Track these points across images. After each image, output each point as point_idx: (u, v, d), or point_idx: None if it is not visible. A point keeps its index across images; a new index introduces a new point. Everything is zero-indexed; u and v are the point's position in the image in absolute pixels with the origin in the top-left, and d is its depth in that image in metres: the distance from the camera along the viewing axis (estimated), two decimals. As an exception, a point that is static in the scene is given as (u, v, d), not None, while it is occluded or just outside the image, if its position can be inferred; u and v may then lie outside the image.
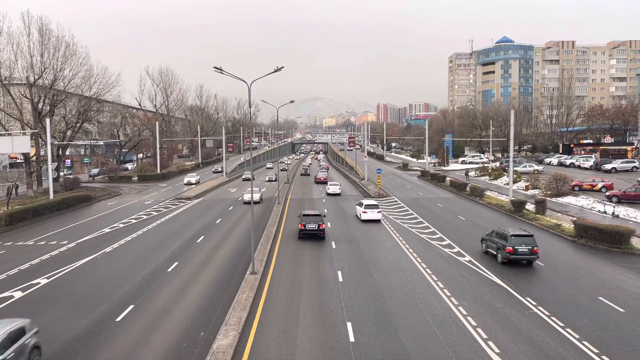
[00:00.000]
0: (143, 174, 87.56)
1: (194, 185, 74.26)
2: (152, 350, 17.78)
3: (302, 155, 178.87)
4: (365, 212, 44.07)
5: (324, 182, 77.59)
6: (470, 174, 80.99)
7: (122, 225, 43.25)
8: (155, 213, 50.01)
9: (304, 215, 36.91)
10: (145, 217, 47.75)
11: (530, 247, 28.50)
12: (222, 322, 19.86)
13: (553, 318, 20.33)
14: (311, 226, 36.20)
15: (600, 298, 22.77)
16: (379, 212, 44.45)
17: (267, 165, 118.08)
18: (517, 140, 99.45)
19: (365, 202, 46.63)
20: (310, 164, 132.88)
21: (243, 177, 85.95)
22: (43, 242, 36.61)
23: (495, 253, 29.92)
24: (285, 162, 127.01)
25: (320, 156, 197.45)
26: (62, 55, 66.08)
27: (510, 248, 28.45)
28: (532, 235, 29.24)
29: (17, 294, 24.27)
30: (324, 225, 36.60)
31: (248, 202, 55.82)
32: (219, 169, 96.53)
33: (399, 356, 16.99)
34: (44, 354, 17.28)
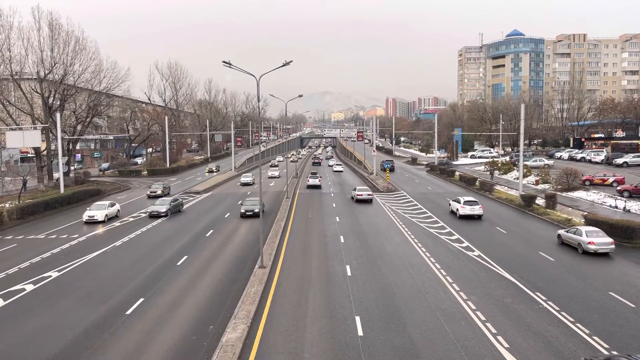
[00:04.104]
0: (152, 168, 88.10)
1: (100, 225, 41.04)
2: (162, 343, 17.92)
3: (306, 152, 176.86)
4: (335, 167, 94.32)
5: (320, 160, 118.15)
6: (479, 168, 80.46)
7: (132, 220, 43.53)
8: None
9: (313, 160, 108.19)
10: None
11: (391, 164, 77.03)
12: (231, 316, 19.96)
13: (563, 313, 20.22)
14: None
15: (611, 293, 22.58)
16: (339, 164, 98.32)
17: (242, 180, 69.34)
18: (527, 135, 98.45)
19: (336, 162, 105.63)
20: (321, 153, 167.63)
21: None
22: (54, 236, 36.96)
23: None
24: (272, 171, 79.42)
25: (329, 149, 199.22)
26: (72, 50, 66.48)
27: (383, 167, 76.05)
28: (392, 160, 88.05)
29: (29, 287, 24.55)
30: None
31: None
32: (156, 191, 57.65)
33: (407, 351, 16.99)
34: (55, 346, 17.65)
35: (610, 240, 29.68)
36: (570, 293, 22.77)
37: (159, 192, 57.41)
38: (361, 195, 51.17)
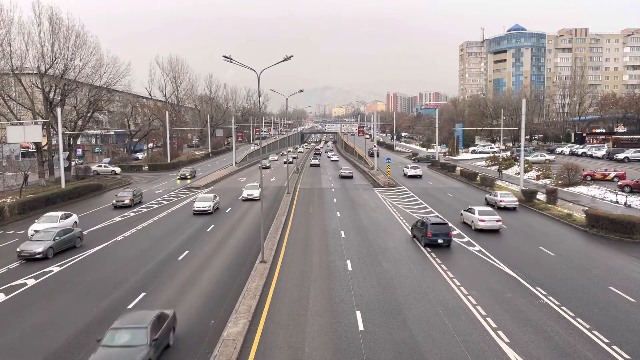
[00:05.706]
0: (153, 163, 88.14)
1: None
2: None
3: (304, 150, 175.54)
4: (332, 157, 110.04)
5: (321, 152, 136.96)
6: (480, 164, 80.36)
7: (132, 214, 43.57)
8: (165, 202, 50.31)
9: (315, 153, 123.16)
10: (155, 206, 48.06)
11: (376, 150, 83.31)
12: (232, 310, 20.02)
13: (563, 308, 20.26)
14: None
15: (611, 288, 22.62)
16: (335, 155, 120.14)
17: (197, 206, 43.17)
18: (528, 130, 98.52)
19: (333, 153, 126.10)
20: (322, 147, 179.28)
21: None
22: (55, 231, 36.92)
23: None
24: (249, 190, 51.42)
25: (329, 144, 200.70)
26: (72, 44, 66.27)
27: (370, 153, 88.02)
28: (377, 147, 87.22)
29: (30, 282, 24.63)
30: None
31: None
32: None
33: (408, 345, 17.04)
34: (58, 340, 17.70)
35: (515, 199, 43.07)
36: (571, 288, 22.79)
37: (127, 201, 46.73)
38: (344, 172, 71.03)
